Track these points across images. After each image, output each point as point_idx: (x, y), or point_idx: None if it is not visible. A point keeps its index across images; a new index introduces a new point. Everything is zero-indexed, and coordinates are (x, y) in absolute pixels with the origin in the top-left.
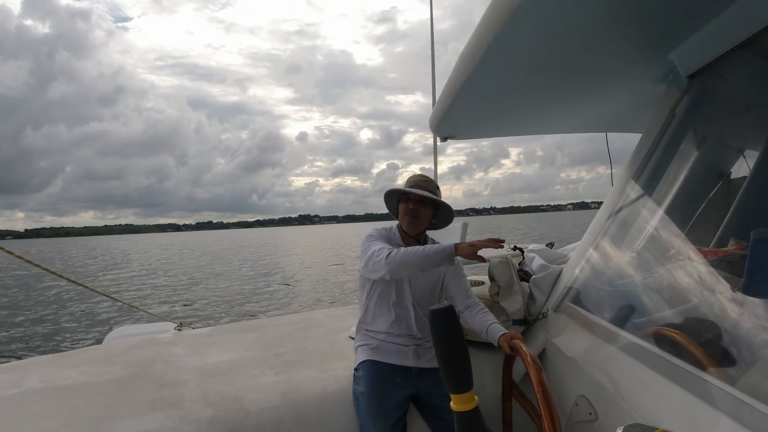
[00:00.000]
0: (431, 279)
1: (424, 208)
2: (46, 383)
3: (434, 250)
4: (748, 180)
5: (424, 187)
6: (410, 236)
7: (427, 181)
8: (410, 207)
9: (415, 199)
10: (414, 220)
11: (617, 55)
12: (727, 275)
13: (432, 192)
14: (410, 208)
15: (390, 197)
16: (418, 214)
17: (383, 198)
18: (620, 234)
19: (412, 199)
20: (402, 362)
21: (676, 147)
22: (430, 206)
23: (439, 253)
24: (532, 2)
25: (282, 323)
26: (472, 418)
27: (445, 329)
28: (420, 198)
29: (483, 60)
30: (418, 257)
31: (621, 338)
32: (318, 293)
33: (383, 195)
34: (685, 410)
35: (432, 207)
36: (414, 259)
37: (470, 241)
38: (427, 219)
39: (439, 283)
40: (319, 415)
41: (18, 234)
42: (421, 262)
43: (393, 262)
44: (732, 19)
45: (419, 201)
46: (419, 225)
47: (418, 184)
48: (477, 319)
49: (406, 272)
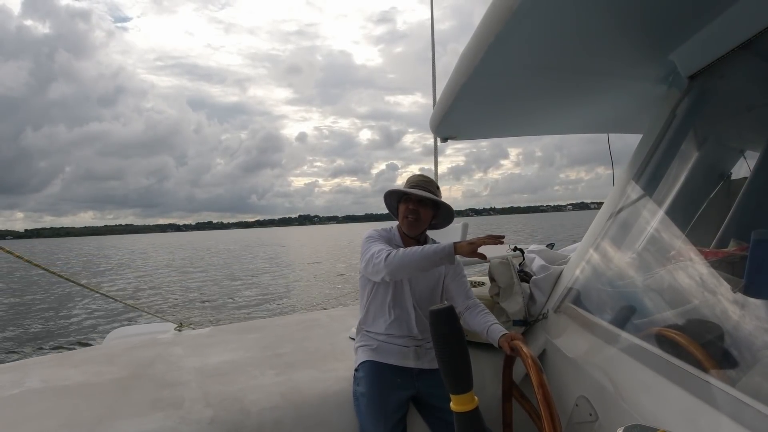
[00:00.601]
0: (431, 280)
1: (425, 209)
2: (46, 383)
3: (433, 250)
4: (748, 181)
5: (424, 187)
6: (410, 237)
7: (428, 181)
8: (410, 208)
9: (415, 199)
10: (414, 221)
11: (618, 55)
12: (728, 276)
13: (432, 192)
14: (410, 209)
15: (390, 197)
16: (419, 215)
17: (383, 198)
18: (621, 235)
19: (412, 200)
20: (402, 363)
21: (676, 148)
22: (431, 207)
23: (439, 253)
24: (533, 3)
25: (282, 324)
26: (472, 418)
27: (445, 329)
28: (420, 199)
29: (483, 61)
30: (417, 258)
31: (621, 339)
32: None
33: (383, 195)
34: (686, 411)
35: (432, 207)
36: (413, 260)
37: (469, 239)
38: (427, 220)
39: (439, 284)
40: (319, 415)
41: (18, 234)
42: (421, 263)
43: (392, 263)
44: (733, 19)
45: (419, 202)
46: (419, 226)
47: (418, 185)
48: (477, 320)
49: (405, 273)
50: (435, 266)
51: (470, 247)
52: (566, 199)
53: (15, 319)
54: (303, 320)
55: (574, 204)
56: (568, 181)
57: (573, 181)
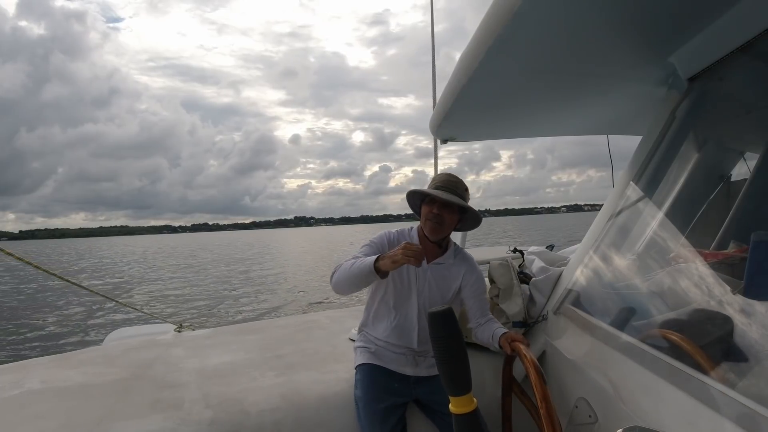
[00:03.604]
0: (442, 291)
1: (450, 214)
2: (46, 384)
3: (359, 267)
4: (748, 182)
5: (451, 189)
6: (431, 241)
7: (455, 182)
8: (434, 212)
9: (440, 203)
10: (437, 226)
11: (618, 58)
12: (728, 278)
13: (460, 196)
14: (434, 213)
15: (413, 197)
16: (442, 220)
17: (406, 198)
18: (620, 236)
19: (437, 203)
20: (400, 370)
21: (676, 149)
22: (457, 211)
23: (364, 270)
24: (533, 5)
25: (282, 325)
26: (472, 420)
27: (443, 332)
28: (446, 203)
29: (483, 63)
30: (349, 273)
31: (621, 341)
32: None
33: (405, 195)
34: (685, 413)
35: (458, 212)
36: (347, 275)
37: (392, 256)
38: (452, 224)
39: (449, 297)
40: (319, 417)
41: (13, 235)
42: (353, 278)
43: (334, 279)
44: (732, 22)
45: (444, 206)
46: (442, 231)
47: (445, 186)
48: (485, 334)
49: (345, 288)
50: (367, 281)
51: (392, 265)
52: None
53: (15, 320)
54: (303, 322)
55: (568, 206)
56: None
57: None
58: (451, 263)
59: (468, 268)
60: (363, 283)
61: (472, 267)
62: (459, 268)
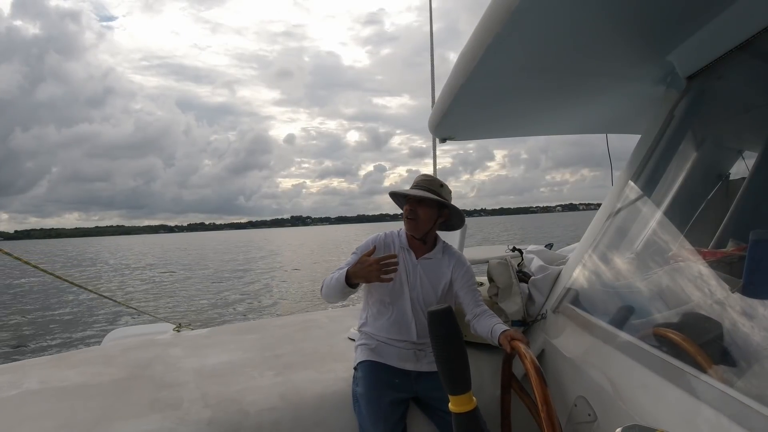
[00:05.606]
0: (434, 285)
1: (423, 209)
2: (44, 384)
3: (336, 283)
4: (747, 181)
5: (423, 187)
6: (415, 238)
7: (429, 180)
8: (408, 208)
9: (413, 200)
10: (413, 222)
11: (616, 56)
12: (726, 276)
13: (433, 191)
14: (408, 209)
15: (396, 199)
16: (416, 215)
17: (392, 200)
18: (619, 235)
19: (411, 200)
20: (401, 365)
21: (675, 148)
22: (432, 206)
23: (338, 286)
24: (531, 4)
25: (281, 324)
26: (471, 419)
27: (443, 330)
28: (418, 198)
29: (482, 61)
30: (330, 285)
31: (620, 339)
32: None
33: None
34: (684, 411)
35: (435, 207)
36: (329, 290)
37: (361, 271)
38: (427, 219)
39: (440, 290)
40: (317, 416)
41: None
42: (335, 291)
43: (323, 292)
44: (731, 20)
45: (417, 201)
46: (419, 226)
47: (418, 185)
48: (483, 327)
49: (333, 299)
50: (344, 294)
51: (366, 281)
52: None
53: (14, 320)
54: (301, 321)
55: (563, 205)
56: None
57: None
58: (439, 258)
59: (456, 262)
60: (344, 296)
61: (460, 260)
62: (448, 262)
